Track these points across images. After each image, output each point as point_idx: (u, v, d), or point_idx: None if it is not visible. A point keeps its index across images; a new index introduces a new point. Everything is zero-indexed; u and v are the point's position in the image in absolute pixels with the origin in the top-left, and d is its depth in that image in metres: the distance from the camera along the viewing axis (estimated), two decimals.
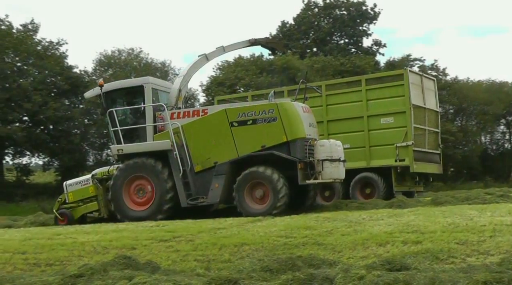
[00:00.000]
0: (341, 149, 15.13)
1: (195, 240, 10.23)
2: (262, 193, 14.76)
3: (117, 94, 16.50)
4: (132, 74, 44.94)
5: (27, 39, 40.08)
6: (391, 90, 17.76)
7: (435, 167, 18.94)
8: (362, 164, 17.75)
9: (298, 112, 14.98)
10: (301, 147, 14.77)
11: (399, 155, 17.25)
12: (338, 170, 14.89)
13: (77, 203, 16.30)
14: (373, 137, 17.67)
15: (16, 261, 9.41)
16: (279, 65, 39.03)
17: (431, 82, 19.74)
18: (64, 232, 12.59)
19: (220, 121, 15.24)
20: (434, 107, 19.15)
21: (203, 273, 7.78)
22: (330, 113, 18.19)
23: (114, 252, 9.57)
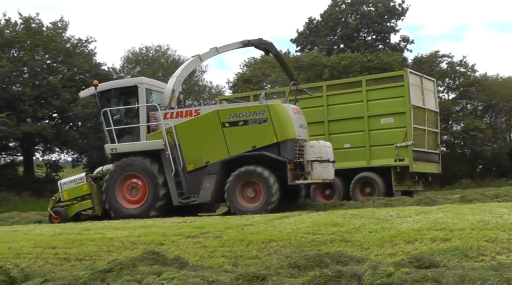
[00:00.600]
0: (330, 150, 15.49)
1: (223, 236, 10.27)
2: (254, 192, 15.13)
3: (112, 94, 16.84)
4: (159, 71, 45.28)
5: (57, 37, 40.56)
6: (391, 91, 17.99)
7: (434, 166, 19.12)
8: (362, 164, 17.98)
9: (289, 114, 15.35)
10: (291, 148, 15.15)
11: (399, 155, 17.47)
12: (328, 170, 15.26)
13: (71, 201, 16.58)
14: (373, 137, 17.91)
15: (47, 256, 9.54)
16: (305, 62, 38.94)
17: (430, 83, 19.95)
18: (93, 227, 12.72)
19: (212, 121, 15.59)
20: (434, 107, 19.33)
21: (231, 269, 7.81)
22: (331, 113, 18.40)
23: (143, 248, 9.65)
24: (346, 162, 18.05)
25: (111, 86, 17.05)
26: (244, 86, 41.36)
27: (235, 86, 43.13)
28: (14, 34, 39.70)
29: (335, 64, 38.04)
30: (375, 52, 41.64)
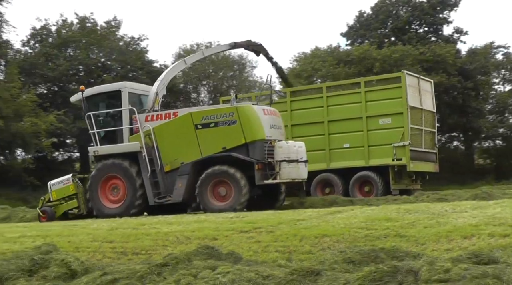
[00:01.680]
0: (302, 150, 15.93)
1: (276, 231, 10.30)
2: (225, 191, 15.67)
3: (98, 99, 17.55)
4: (209, 67, 45.58)
5: (110, 35, 41.33)
6: (389, 92, 18.41)
7: (431, 166, 19.47)
8: (361, 163, 18.41)
9: (258, 115, 15.83)
10: (260, 149, 15.67)
11: (397, 155, 17.87)
12: (297, 170, 15.69)
13: (59, 201, 17.34)
14: (371, 137, 18.33)
15: (104, 250, 9.75)
16: (356, 56, 38.60)
17: (428, 83, 20.32)
18: (148, 222, 12.92)
19: (186, 123, 16.20)
20: (431, 108, 19.69)
21: (285, 264, 7.83)
22: (331, 113, 18.78)
23: (197, 242, 9.76)
24: (345, 161, 18.58)
25: (96, 91, 17.79)
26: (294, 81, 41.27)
27: None
28: (70, 33, 40.64)
29: (386, 58, 37.57)
30: (427, 45, 40.94)
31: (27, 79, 37.80)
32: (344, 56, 38.93)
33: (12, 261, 7.83)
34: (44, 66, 39.00)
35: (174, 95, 42.12)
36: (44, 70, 38.76)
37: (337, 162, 18.70)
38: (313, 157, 18.33)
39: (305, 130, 19.04)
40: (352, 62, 37.97)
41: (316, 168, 18.68)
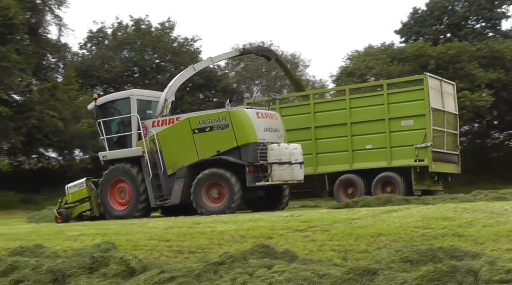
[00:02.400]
0: (297, 152, 16.25)
1: (331, 230, 10.27)
2: (218, 193, 16.22)
3: (110, 106, 18.36)
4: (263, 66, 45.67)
5: (164, 36, 41.88)
6: (412, 94, 18.64)
7: (453, 167, 19.57)
8: (383, 164, 18.59)
9: (250, 119, 16.33)
10: (253, 151, 16.14)
11: (419, 156, 18.05)
12: (290, 172, 16.04)
13: (74, 203, 18.37)
14: (393, 138, 18.55)
15: (161, 248, 9.89)
16: (411, 53, 38.07)
17: (450, 86, 20.42)
18: (203, 221, 13.05)
19: (185, 128, 16.86)
20: (453, 110, 19.81)
21: (341, 263, 7.80)
22: (354, 115, 19.04)
23: (252, 241, 9.80)
24: (368, 163, 18.82)
25: (108, 99, 18.60)
26: (347, 80, 40.97)
27: (338, 80, 42.79)
28: (125, 36, 41.37)
29: (441, 54, 36.90)
30: (484, 40, 40.08)
31: (84, 81, 38.68)
32: (398, 54, 38.43)
33: (73, 258, 8.03)
34: (101, 68, 39.83)
35: (227, 95, 42.38)
36: (100, 72, 39.59)
37: (360, 163, 18.92)
38: (336, 158, 18.87)
39: (329, 132, 19.36)
40: (406, 60, 37.46)
41: (339, 169, 19.10)
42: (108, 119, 18.18)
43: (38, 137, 33.74)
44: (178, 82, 19.01)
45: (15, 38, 34.26)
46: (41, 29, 36.88)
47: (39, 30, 36.68)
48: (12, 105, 33.55)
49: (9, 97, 33.83)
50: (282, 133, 17.21)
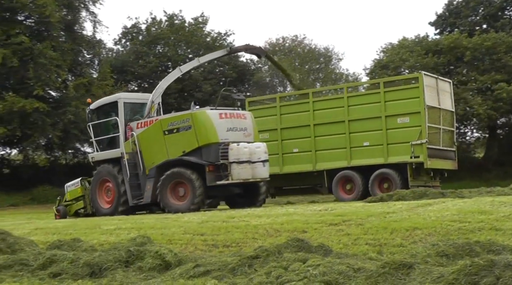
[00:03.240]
0: (260, 150, 16.67)
1: (365, 224, 10.21)
2: (183, 191, 16.74)
3: (103, 109, 19.08)
4: (295, 60, 45.58)
5: (198, 31, 42.06)
6: (407, 92, 19.10)
7: (449, 163, 19.83)
8: (380, 161, 18.93)
9: (211, 120, 16.84)
10: (214, 151, 16.65)
11: (414, 152, 18.37)
12: (249, 171, 16.49)
13: (71, 201, 19.52)
14: (390, 136, 18.93)
15: (196, 242, 9.95)
16: (446, 45, 37.60)
17: (446, 84, 20.83)
18: (237, 215, 13.08)
19: (157, 130, 17.49)
20: (449, 107, 20.10)
21: (376, 257, 7.76)
22: (352, 113, 19.39)
23: (286, 235, 9.81)
24: (365, 159, 19.18)
25: (100, 103, 19.37)
26: (381, 72, 40.60)
27: (372, 73, 42.46)
28: (159, 31, 41.66)
29: (477, 46, 36.38)
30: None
31: (119, 77, 39.07)
32: (432, 46, 37.97)
33: (109, 252, 8.14)
34: (135, 64, 40.19)
35: (261, 89, 42.40)
36: (134, 67, 39.95)
37: (358, 160, 19.23)
38: (334, 155, 19.35)
39: (327, 129, 19.72)
40: (441, 52, 37.01)
41: (337, 165, 19.44)
42: (96, 122, 19.07)
43: (74, 132, 34.24)
44: (165, 84, 19.53)
45: (52, 35, 34.80)
46: (77, 26, 37.40)
47: (75, 27, 37.19)
48: (49, 101, 34.12)
49: (46, 93, 34.36)
50: (250, 132, 17.61)
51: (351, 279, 6.21)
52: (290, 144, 20.29)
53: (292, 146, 20.26)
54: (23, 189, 33.25)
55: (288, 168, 20.20)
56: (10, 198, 32.53)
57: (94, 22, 37.63)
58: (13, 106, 30.73)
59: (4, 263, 8.12)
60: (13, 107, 30.75)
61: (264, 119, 20.56)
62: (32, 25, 35.62)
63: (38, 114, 31.67)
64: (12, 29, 33.16)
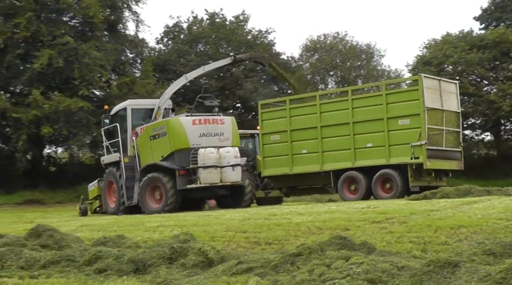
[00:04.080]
0: (229, 155, 17.53)
1: (409, 221, 10.12)
2: (159, 195, 17.98)
3: (117, 115, 20.38)
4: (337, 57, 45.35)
5: (239, 29, 42.16)
6: (408, 94, 19.52)
7: (454, 163, 20.19)
8: (383, 162, 19.25)
9: (183, 126, 17.99)
10: (186, 156, 17.64)
11: (414, 153, 18.62)
12: (217, 175, 17.40)
13: (92, 200, 21.31)
14: (391, 137, 19.21)
15: (238, 239, 9.99)
16: (491, 40, 36.95)
17: (452, 85, 21.11)
18: (279, 213, 13.11)
19: (147, 136, 18.83)
20: (455, 108, 20.38)
21: (420, 255, 7.68)
22: (356, 115, 19.86)
23: (328, 233, 9.78)
24: (369, 160, 19.55)
25: (115, 109, 20.74)
26: (423, 69, 40.10)
27: (415, 69, 41.97)
28: (200, 30, 41.91)
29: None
30: None
31: (161, 75, 39.43)
32: (477, 41, 37.34)
33: (153, 249, 8.23)
34: (176, 62, 40.51)
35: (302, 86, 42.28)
36: (176, 66, 40.26)
37: (361, 161, 19.67)
38: (340, 156, 19.87)
39: (334, 131, 20.21)
40: (486, 47, 36.37)
41: (342, 166, 19.88)
42: (107, 127, 20.38)
43: None
44: (171, 91, 20.70)
45: (95, 35, 35.33)
46: (120, 26, 37.86)
47: (118, 27, 37.66)
48: (93, 100, 34.62)
49: (90, 93, 34.90)
50: (228, 136, 18.49)
51: (395, 277, 6.15)
52: (299, 145, 20.69)
53: (301, 147, 20.65)
54: (68, 186, 33.84)
55: (298, 168, 20.61)
56: (56, 196, 33.17)
57: (137, 21, 38.08)
58: (59, 105, 31.30)
59: (52, 259, 8.29)
60: (59, 107, 31.32)
61: (276, 121, 21.20)
62: (77, 26, 36.22)
63: (83, 113, 32.19)
64: (58, 30, 33.77)
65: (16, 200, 31.80)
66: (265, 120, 21.29)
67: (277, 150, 20.84)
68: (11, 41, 32.92)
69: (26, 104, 32.05)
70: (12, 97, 35.32)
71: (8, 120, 32.49)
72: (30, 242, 9.48)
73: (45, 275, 7.70)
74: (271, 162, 20.90)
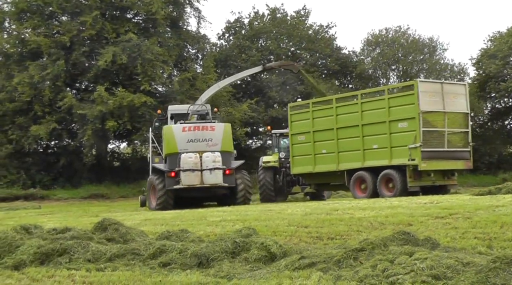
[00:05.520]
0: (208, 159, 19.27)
1: (473, 217, 9.94)
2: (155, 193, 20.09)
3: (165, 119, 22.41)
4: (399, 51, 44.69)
5: (300, 24, 42.06)
6: (406, 98, 20.18)
7: (460, 163, 20.90)
8: (386, 162, 20.31)
9: (173, 133, 20.08)
10: (174, 160, 19.62)
11: (411, 155, 19.54)
12: (196, 178, 19.17)
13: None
14: (393, 139, 20.25)
15: (300, 234, 10.01)
16: None
17: (459, 87, 21.86)
18: (341, 208, 13.08)
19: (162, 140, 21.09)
20: (462, 109, 20.97)
21: (485, 251, 7.54)
22: (364, 118, 20.99)
23: (391, 228, 9.70)
24: (375, 161, 20.69)
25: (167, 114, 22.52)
26: (488, 62, 39.14)
27: (479, 63, 40.99)
28: (261, 25, 42.00)
29: None
30: None
31: (222, 71, 39.72)
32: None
33: (216, 243, 8.32)
34: (238, 58, 40.69)
35: (364, 81, 41.93)
36: (237, 61, 40.45)
37: (369, 161, 20.80)
38: (352, 156, 21.22)
39: (346, 133, 21.52)
40: None
41: (354, 166, 21.15)
42: (153, 132, 22.21)
43: None
44: (204, 97, 23.10)
45: (158, 31, 35.88)
46: (181, 22, 38.31)
47: (180, 23, 38.12)
48: (156, 96, 35.18)
49: (153, 88, 35.47)
50: (217, 142, 20.09)
51: (460, 273, 6.06)
52: (320, 145, 22.14)
53: (322, 148, 22.10)
54: (132, 181, 34.53)
55: (319, 167, 22.13)
56: (120, 190, 33.91)
57: (199, 18, 38.45)
58: (123, 101, 31.96)
59: (118, 252, 8.49)
60: (122, 102, 31.97)
61: (302, 123, 22.84)
62: (140, 23, 36.86)
63: (146, 108, 32.77)
64: (122, 27, 34.48)
65: (82, 194, 32.69)
66: (294, 121, 23.04)
67: (303, 150, 22.53)
68: (77, 39, 33.76)
69: (91, 100, 32.83)
70: (78, 94, 36.25)
71: (74, 116, 33.31)
72: (96, 235, 9.72)
73: (111, 268, 7.89)
74: (299, 161, 22.65)
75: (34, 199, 30.85)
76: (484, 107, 40.64)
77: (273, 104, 39.47)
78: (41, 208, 25.10)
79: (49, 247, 8.69)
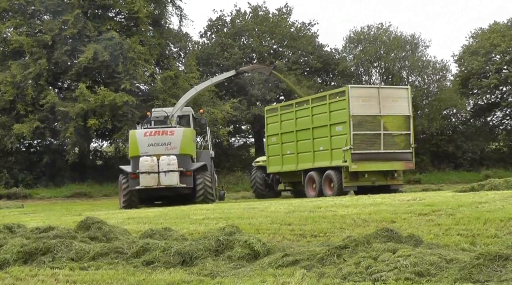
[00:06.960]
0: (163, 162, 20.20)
1: (456, 214, 9.98)
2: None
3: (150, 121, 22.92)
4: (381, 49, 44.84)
5: (282, 22, 42.06)
6: (340, 103, 21.40)
7: (398, 164, 21.69)
8: (327, 164, 21.60)
9: (136, 137, 21.21)
10: (137, 162, 20.60)
11: (345, 157, 20.73)
12: (152, 179, 20.28)
13: None
14: (333, 142, 21.55)
15: (284, 232, 9.98)
16: None
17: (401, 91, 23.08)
18: (324, 205, 13.08)
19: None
20: (404, 112, 21.87)
21: (469, 247, 7.57)
22: (315, 121, 22.25)
23: (374, 225, 9.71)
24: (321, 162, 21.96)
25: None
26: (470, 59, 39.40)
27: (461, 59, 41.26)
28: (243, 23, 41.95)
29: None
30: None
31: (204, 69, 39.62)
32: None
33: (199, 241, 8.28)
34: (220, 56, 40.63)
35: (346, 78, 42.02)
36: (219, 60, 40.39)
37: (317, 162, 22.07)
38: (305, 157, 22.64)
39: (302, 135, 22.87)
40: None
41: (306, 167, 22.47)
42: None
43: None
44: (183, 101, 23.69)
45: (140, 30, 35.71)
46: (163, 20, 38.15)
47: (161, 21, 37.95)
48: (138, 94, 35.01)
49: (135, 87, 35.31)
50: (175, 145, 20.95)
51: (443, 270, 6.08)
52: (286, 146, 23.71)
53: (287, 149, 23.67)
54: (115, 179, 34.23)
55: (285, 167, 23.74)
56: (103, 189, 33.74)
57: (180, 16, 38.31)
58: (104, 99, 31.78)
59: (101, 251, 8.42)
60: (104, 101, 31.79)
61: (274, 125, 24.52)
62: (122, 21, 36.66)
63: (128, 107, 32.60)
64: (104, 26, 34.27)
65: (65, 193, 32.50)
66: (269, 123, 24.89)
67: (275, 151, 24.24)
68: (59, 38, 33.52)
69: (74, 98, 32.63)
70: (60, 92, 36.01)
71: (57, 115, 33.09)
72: (79, 234, 9.63)
73: (95, 267, 7.83)
74: (273, 161, 24.41)
75: (17, 198, 30.69)
76: (466, 104, 40.94)
77: (255, 101, 39.43)
78: (24, 207, 24.88)
79: (32, 246, 8.60)
